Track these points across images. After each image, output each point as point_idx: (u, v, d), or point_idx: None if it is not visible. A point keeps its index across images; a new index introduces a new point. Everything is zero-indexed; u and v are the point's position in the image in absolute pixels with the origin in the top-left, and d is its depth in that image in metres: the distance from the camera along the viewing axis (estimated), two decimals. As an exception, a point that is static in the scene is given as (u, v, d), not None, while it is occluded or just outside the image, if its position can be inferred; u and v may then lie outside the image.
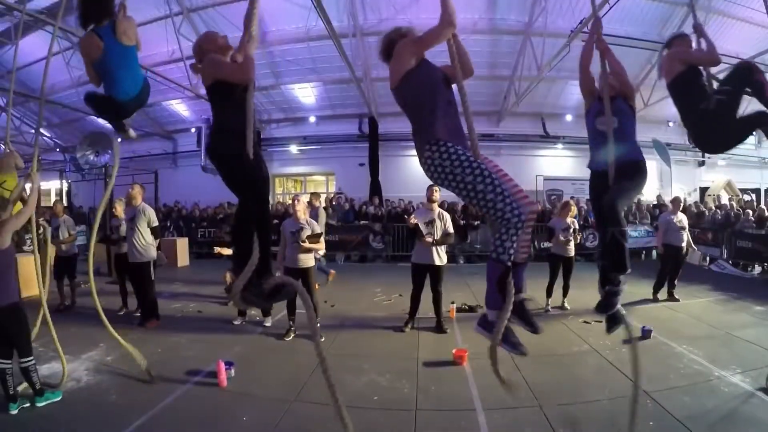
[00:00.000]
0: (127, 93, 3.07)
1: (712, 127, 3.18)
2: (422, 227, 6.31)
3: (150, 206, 7.05)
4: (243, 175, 2.60)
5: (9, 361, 3.98)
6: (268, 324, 6.66)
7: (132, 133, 3.45)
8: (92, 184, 16.11)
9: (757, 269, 11.60)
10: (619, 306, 2.99)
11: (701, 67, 3.37)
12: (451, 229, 6.48)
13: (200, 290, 9.04)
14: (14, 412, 3.93)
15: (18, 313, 4.01)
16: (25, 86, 14.59)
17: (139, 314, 6.95)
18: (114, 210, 7.51)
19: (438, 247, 6.32)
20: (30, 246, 6.75)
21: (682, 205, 8.88)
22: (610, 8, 9.09)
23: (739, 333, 6.22)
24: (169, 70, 13.48)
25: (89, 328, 5.99)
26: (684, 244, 8.37)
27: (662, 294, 8.41)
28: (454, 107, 2.56)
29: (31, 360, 4.07)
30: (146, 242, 6.69)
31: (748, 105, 3.17)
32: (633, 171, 2.99)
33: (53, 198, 18.24)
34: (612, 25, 10.99)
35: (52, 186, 18.33)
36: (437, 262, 6.33)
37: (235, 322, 6.78)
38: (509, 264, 2.39)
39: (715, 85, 3.35)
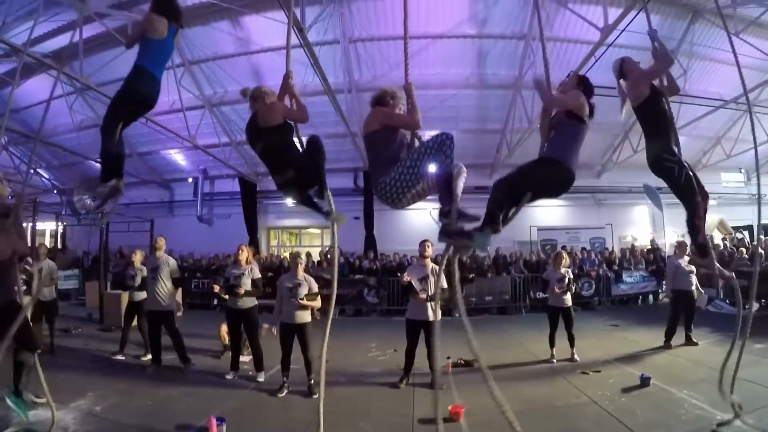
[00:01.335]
0: (153, 69, 3.65)
1: (663, 172, 3.93)
2: (416, 284, 6.34)
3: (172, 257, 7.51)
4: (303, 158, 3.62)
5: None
6: (261, 379, 6.53)
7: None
8: (87, 228, 16.10)
9: (755, 306, 11.50)
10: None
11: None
12: (445, 285, 6.50)
13: (193, 342, 8.84)
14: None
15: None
16: (28, 126, 14.83)
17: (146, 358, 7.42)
18: (133, 258, 7.95)
19: (432, 303, 6.30)
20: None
21: (688, 248, 8.88)
22: (596, 61, 9.47)
23: (740, 373, 6.13)
24: (169, 120, 13.72)
25: (78, 376, 5.88)
26: (693, 288, 8.31)
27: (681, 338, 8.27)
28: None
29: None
30: (169, 291, 7.01)
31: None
32: (542, 161, 3.58)
33: (48, 239, 18.15)
34: (599, 76, 11.40)
35: (48, 227, 18.33)
36: (432, 318, 6.27)
37: (228, 377, 6.65)
38: (450, 171, 3.12)
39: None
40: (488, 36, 12.54)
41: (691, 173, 3.92)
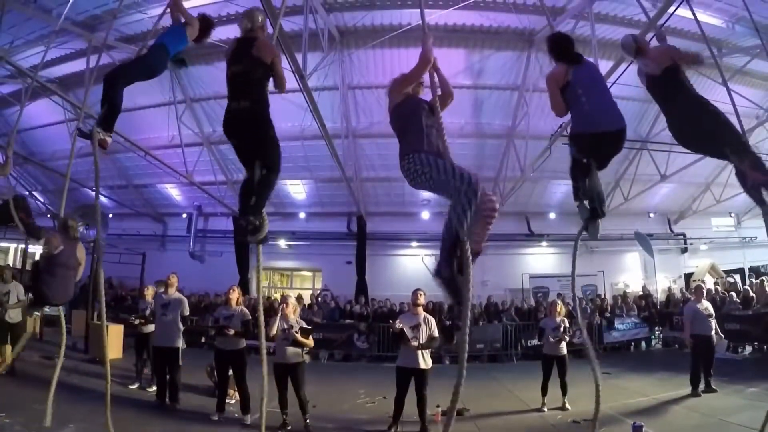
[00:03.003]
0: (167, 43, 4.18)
1: (697, 128, 3.66)
2: (408, 331, 6.33)
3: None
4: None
5: None
6: (247, 422, 6.40)
7: None
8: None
9: (748, 349, 11.51)
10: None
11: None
12: (436, 333, 6.53)
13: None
14: None
15: None
16: (27, 149, 14.86)
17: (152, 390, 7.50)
18: (144, 292, 8.36)
19: (423, 351, 6.29)
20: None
21: (705, 292, 8.78)
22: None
23: (733, 418, 6.05)
24: (167, 155, 13.90)
25: (59, 406, 5.71)
26: (712, 333, 8.08)
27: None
28: (436, 130, 3.19)
29: None
30: (178, 328, 7.08)
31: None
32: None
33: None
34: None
35: (38, 251, 18.05)
36: (422, 366, 6.25)
37: (213, 417, 6.51)
38: (460, 235, 2.78)
39: None
40: (483, 87, 12.96)
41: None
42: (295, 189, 16.93)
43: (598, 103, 3.51)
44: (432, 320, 6.56)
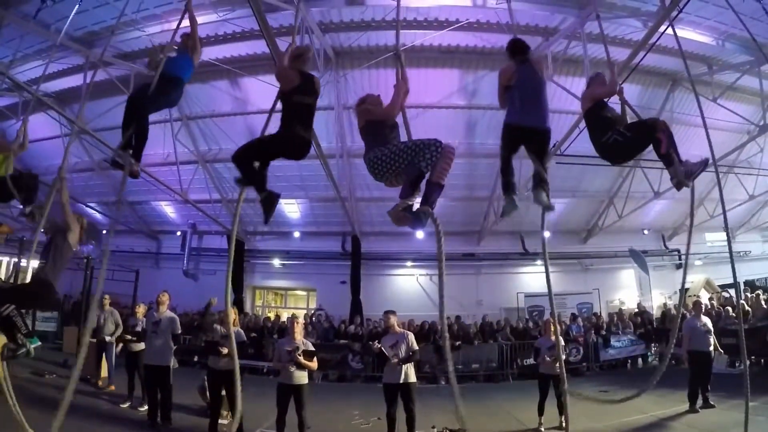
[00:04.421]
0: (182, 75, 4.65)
1: (611, 153, 4.44)
2: (387, 351, 6.45)
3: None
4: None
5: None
6: (242, 443, 6.28)
7: None
8: (71, 272, 15.76)
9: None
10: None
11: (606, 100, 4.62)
12: (415, 347, 6.65)
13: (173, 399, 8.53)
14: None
15: None
16: (22, 162, 14.74)
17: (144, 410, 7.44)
18: (135, 309, 8.49)
19: (406, 366, 6.39)
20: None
21: (704, 308, 8.76)
22: (579, 132, 9.85)
23: None
24: (162, 172, 13.85)
25: (46, 426, 5.59)
26: (711, 349, 8.11)
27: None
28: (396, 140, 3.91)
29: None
30: (169, 347, 7.10)
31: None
32: None
33: (30, 277, 17.68)
34: (583, 146, 11.84)
35: (32, 266, 17.90)
36: (406, 381, 6.34)
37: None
38: (424, 172, 3.57)
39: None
40: (477, 107, 13.04)
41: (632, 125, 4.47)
42: (290, 208, 16.91)
43: (529, 104, 4.19)
44: (410, 335, 6.74)
